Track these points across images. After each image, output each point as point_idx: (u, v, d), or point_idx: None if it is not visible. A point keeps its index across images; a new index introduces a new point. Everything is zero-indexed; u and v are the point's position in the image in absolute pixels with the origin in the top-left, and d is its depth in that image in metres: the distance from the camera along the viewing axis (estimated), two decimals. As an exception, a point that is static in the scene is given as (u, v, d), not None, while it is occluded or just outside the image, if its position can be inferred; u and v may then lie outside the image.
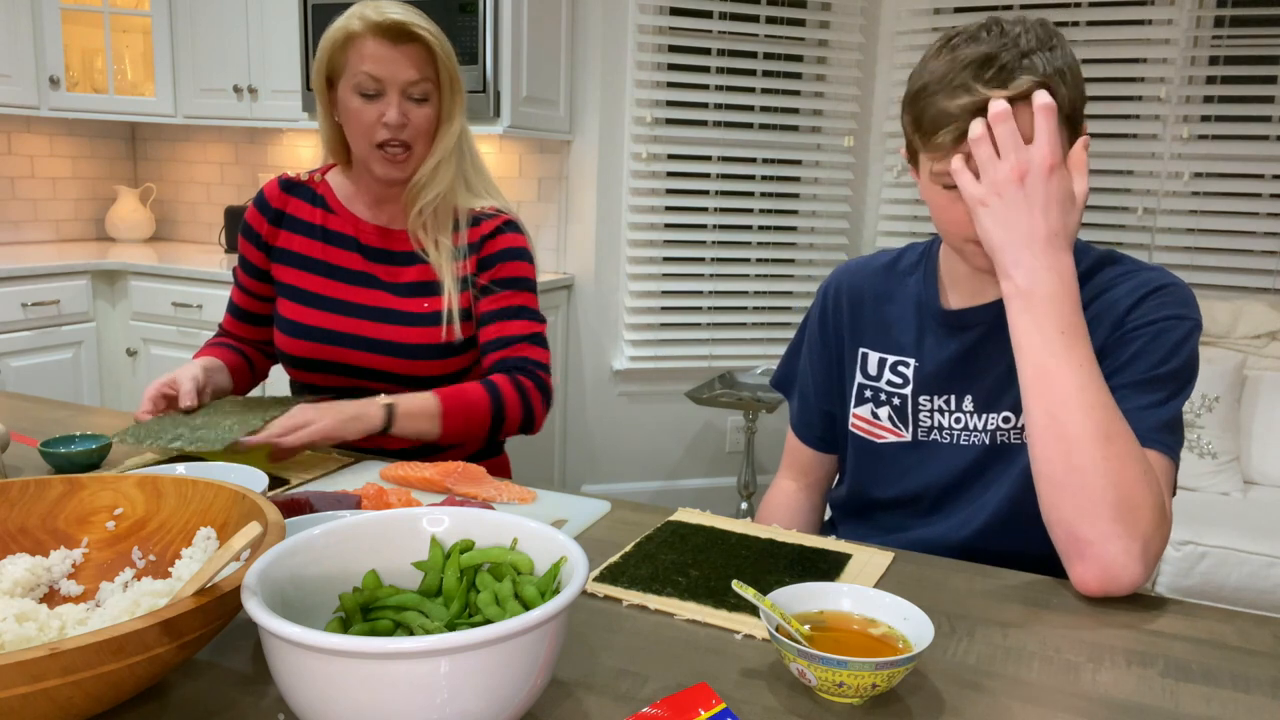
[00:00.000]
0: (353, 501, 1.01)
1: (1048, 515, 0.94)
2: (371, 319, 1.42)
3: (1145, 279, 1.05)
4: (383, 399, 1.29)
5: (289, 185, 1.49)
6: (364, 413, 1.26)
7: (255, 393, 1.55)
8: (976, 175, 0.96)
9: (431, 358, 1.41)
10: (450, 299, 1.41)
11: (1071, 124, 0.98)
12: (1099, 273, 1.08)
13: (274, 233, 1.48)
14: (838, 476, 1.33)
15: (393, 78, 1.32)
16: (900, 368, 1.16)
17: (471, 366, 1.49)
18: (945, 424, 1.13)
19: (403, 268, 1.44)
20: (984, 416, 1.11)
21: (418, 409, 1.31)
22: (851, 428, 1.22)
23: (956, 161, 0.96)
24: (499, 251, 1.45)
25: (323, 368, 1.44)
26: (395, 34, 1.31)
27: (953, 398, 1.12)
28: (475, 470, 1.19)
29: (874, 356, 1.19)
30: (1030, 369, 0.94)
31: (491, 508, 1.00)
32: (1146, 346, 1.00)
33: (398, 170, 1.38)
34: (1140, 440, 0.95)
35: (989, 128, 0.93)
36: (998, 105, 0.93)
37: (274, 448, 1.19)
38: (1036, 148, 0.93)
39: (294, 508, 0.96)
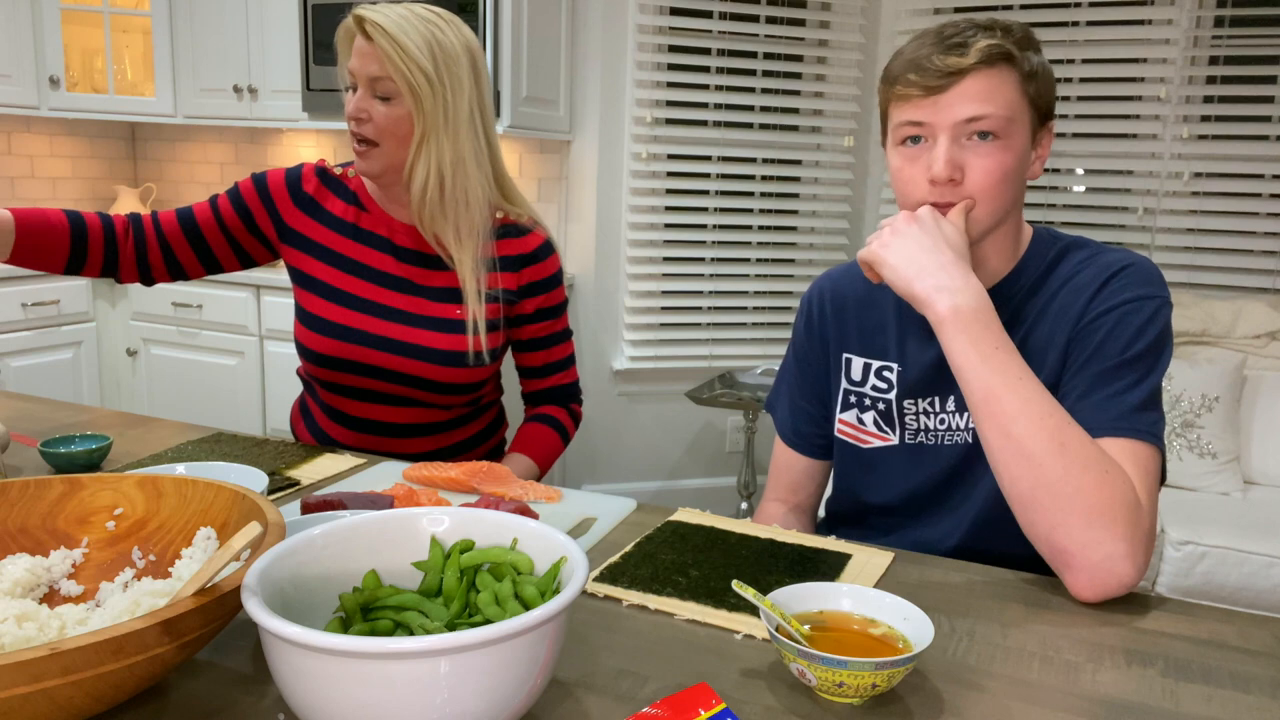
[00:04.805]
0: (386, 502, 1.00)
1: (1028, 531, 0.94)
2: (403, 322, 1.40)
3: (1107, 262, 1.05)
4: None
5: (325, 176, 1.46)
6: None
7: None
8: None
9: (458, 365, 1.40)
10: (473, 310, 1.39)
11: (1037, 109, 1.02)
12: (1064, 260, 1.08)
13: (295, 214, 1.44)
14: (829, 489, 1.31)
15: (360, 70, 1.31)
16: (885, 373, 1.16)
17: (493, 376, 1.50)
18: (931, 426, 1.13)
19: (436, 271, 1.42)
20: (966, 416, 1.10)
21: (523, 471, 1.46)
22: (838, 433, 1.21)
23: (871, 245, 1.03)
24: (549, 278, 1.47)
25: (347, 367, 1.41)
26: (364, 28, 1.30)
27: (936, 399, 1.12)
28: (500, 470, 1.18)
29: (858, 362, 1.19)
30: (977, 390, 0.95)
31: (529, 509, 0.99)
32: (1111, 333, 1.00)
33: (362, 163, 1.36)
34: (1113, 430, 0.95)
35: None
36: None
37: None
38: (924, 209, 1.01)
39: (327, 509, 0.95)
